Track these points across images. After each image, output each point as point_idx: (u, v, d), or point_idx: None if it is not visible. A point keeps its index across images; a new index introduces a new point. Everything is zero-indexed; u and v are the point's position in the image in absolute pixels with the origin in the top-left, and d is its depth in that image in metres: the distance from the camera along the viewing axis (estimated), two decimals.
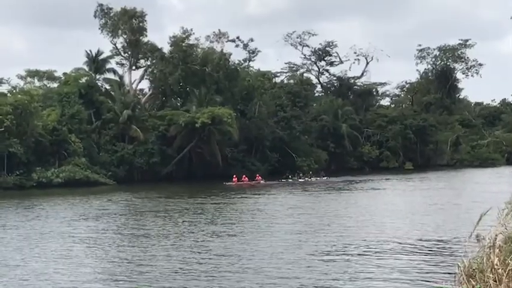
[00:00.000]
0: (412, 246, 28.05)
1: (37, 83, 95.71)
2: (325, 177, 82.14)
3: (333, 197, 57.05)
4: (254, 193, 61.26)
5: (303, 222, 37.72)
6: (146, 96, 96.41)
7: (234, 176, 76.07)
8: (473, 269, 10.31)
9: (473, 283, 10.30)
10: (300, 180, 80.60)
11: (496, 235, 12.81)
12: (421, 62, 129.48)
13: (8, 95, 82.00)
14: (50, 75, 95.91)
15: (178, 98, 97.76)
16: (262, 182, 76.90)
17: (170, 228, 34.96)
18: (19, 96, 77.68)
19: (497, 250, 10.86)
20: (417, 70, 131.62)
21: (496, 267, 10.13)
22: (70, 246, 29.57)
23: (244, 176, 77.04)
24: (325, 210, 44.14)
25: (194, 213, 43.01)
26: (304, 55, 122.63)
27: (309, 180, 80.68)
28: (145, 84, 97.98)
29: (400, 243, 28.85)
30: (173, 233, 33.16)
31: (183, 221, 38.35)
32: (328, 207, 46.68)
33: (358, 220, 38.04)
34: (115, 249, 28.40)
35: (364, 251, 26.94)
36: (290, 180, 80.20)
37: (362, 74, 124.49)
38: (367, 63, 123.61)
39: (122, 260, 25.73)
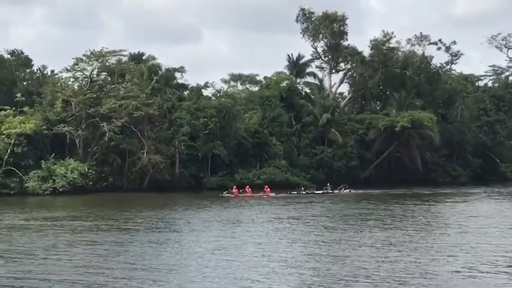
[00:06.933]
0: None
1: (240, 87, 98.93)
2: (348, 190, 68.64)
3: None
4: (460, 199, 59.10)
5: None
6: (345, 99, 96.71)
7: (234, 186, 66.86)
8: None
9: None
10: (316, 193, 67.26)
11: None
12: None
13: (213, 98, 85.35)
14: (252, 79, 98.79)
15: (378, 102, 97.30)
16: (271, 194, 65.32)
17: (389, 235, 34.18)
18: (223, 99, 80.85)
19: None
20: None
21: None
22: (279, 247, 29.79)
23: (247, 186, 67.53)
24: None
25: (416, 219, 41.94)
26: (510, 58, 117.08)
27: (328, 192, 67.43)
28: (344, 88, 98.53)
29: None
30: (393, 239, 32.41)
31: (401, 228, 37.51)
32: None
33: None
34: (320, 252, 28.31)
35: None
36: (303, 193, 66.74)
37: None
38: None
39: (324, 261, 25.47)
